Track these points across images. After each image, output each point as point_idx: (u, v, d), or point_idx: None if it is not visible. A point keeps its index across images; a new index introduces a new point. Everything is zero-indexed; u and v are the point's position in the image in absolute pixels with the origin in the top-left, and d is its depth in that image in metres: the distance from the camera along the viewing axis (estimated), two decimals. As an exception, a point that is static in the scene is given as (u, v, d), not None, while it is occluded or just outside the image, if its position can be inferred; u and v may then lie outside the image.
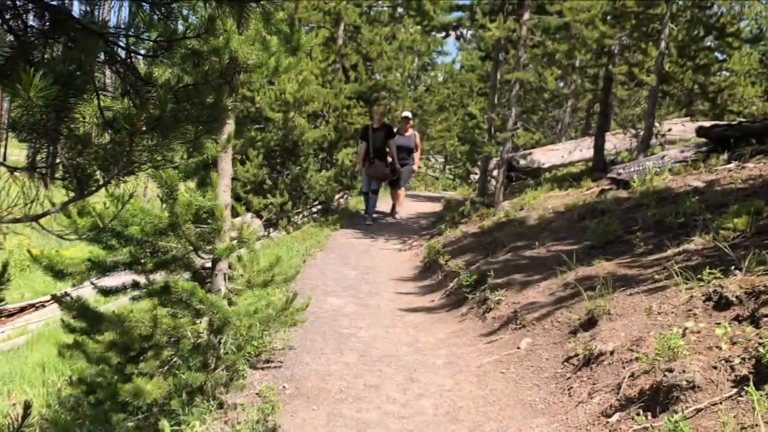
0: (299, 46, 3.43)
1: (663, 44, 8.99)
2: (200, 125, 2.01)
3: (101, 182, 1.88)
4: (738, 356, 2.60)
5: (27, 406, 2.58)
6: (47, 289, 7.33)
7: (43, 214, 1.84)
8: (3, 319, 6.81)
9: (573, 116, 18.31)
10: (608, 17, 8.73)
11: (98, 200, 2.79)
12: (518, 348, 3.97)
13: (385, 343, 4.46)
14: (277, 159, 9.42)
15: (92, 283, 3.35)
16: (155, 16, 2.04)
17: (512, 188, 10.79)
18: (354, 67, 11.96)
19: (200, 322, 3.47)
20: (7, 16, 1.76)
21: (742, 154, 6.58)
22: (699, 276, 3.40)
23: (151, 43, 2.02)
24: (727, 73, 12.48)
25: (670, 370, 2.70)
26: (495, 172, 9.16)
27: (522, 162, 11.44)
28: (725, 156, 6.85)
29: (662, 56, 9.10)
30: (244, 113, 8.81)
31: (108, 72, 2.06)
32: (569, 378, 3.39)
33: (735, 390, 2.47)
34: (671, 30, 9.44)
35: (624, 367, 3.10)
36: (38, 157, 1.87)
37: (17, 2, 1.85)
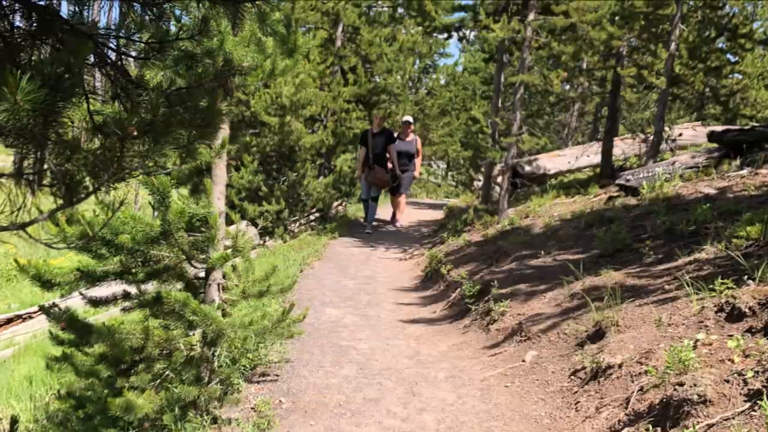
0: (296, 48, 3.37)
1: (673, 46, 8.91)
2: (193, 130, 1.98)
3: (91, 189, 1.85)
4: (751, 369, 2.55)
5: (14, 421, 2.50)
6: (35, 300, 7.29)
7: (31, 222, 1.79)
8: (-11, 330, 6.74)
9: (580, 120, 18.31)
10: (616, 18, 8.64)
11: (88, 208, 2.73)
12: (523, 361, 3.89)
13: (385, 356, 4.38)
14: (273, 165, 9.36)
15: (81, 294, 3.29)
16: (147, 17, 2.01)
17: (517, 195, 10.71)
18: (353, 69, 11.83)
19: (193, 334, 3.41)
20: (-7, 17, 1.71)
21: (755, 160, 6.51)
22: (711, 286, 3.34)
23: (143, 44, 2.00)
24: (740, 76, 12.25)
25: (681, 384, 2.65)
26: (499, 179, 9.07)
27: (527, 168, 11.35)
28: (738, 162, 6.77)
29: (672, 58, 9.02)
30: (239, 117, 8.76)
31: (98, 75, 2.03)
32: (576, 392, 3.33)
33: (748, 404, 2.42)
34: (682, 31, 9.32)
35: (633, 381, 3.04)
36: (25, 163, 1.84)
37: (3, 2, 1.80)
